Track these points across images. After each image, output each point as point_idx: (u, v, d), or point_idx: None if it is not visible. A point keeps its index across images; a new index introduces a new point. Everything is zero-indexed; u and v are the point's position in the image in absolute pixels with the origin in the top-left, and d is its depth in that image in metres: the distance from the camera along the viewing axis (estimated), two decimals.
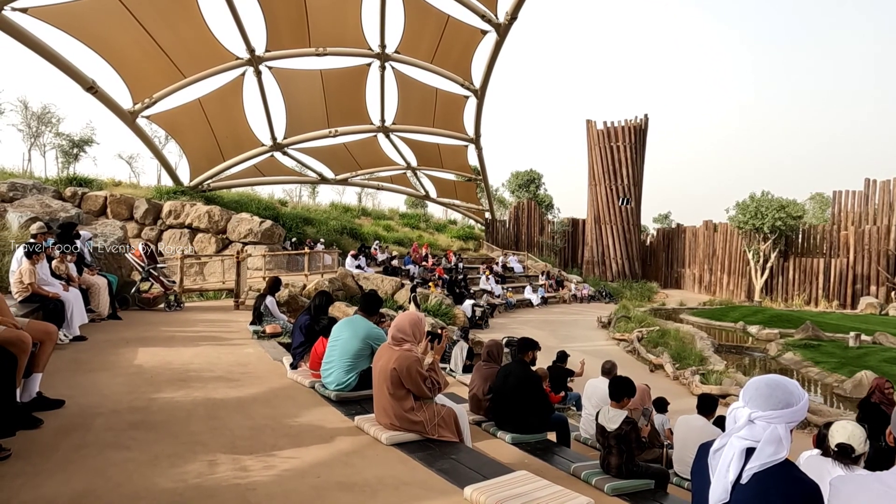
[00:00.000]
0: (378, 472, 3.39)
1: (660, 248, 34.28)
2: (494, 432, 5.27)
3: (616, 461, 4.40)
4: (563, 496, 3.04)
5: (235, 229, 18.93)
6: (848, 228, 26.78)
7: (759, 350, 15.98)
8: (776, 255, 27.21)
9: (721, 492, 2.04)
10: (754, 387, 2.15)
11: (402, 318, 4.05)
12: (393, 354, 3.89)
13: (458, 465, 3.58)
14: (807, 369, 13.15)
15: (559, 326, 18.52)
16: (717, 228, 30.69)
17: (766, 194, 27.44)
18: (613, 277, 30.71)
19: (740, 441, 2.07)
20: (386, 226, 28.55)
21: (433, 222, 33.56)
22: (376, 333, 4.73)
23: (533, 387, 5.31)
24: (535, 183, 38.04)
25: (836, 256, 26.72)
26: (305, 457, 3.54)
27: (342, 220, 25.74)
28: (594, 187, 31.66)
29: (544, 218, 34.67)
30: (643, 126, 31.05)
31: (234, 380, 5.42)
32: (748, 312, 22.01)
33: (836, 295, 26.13)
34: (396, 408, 3.87)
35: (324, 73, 18.01)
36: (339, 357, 4.78)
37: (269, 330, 7.83)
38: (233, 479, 3.14)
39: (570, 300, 25.51)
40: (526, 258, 29.31)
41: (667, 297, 28.29)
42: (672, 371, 12.47)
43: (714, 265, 30.64)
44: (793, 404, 2.07)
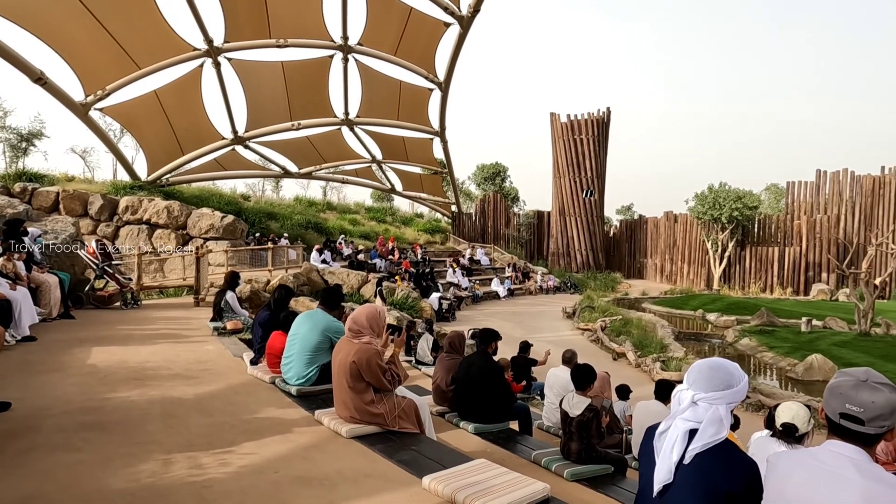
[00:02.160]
0: (338, 465, 3.38)
1: (623, 239, 34.93)
2: (458, 423, 5.32)
3: (576, 447, 4.50)
4: (520, 482, 3.09)
5: (196, 225, 18.51)
6: (801, 218, 27.77)
7: (717, 337, 16.46)
8: (734, 245, 28.03)
9: (665, 472, 2.11)
10: (697, 370, 2.22)
11: (360, 312, 4.03)
12: (352, 348, 3.88)
13: (419, 456, 3.60)
14: (761, 354, 13.60)
15: (525, 318, 18.73)
16: (678, 219, 31.43)
17: (723, 185, 28.21)
18: (578, 268, 31.16)
19: (684, 423, 2.14)
20: (352, 220, 28.33)
21: (400, 216, 33.45)
22: (336, 327, 4.70)
23: (495, 377, 5.37)
24: (500, 176, 38.26)
25: (789, 245, 27.68)
26: (264, 452, 3.51)
27: (307, 215, 25.42)
28: (559, 180, 32.01)
29: (510, 211, 34.93)
30: (605, 119, 31.50)
31: (192, 377, 5.32)
32: (707, 300, 22.66)
33: (790, 282, 27.10)
34: (356, 401, 3.86)
35: (285, 65, 17.72)
36: (299, 351, 4.74)
37: (229, 326, 7.70)
38: (188, 477, 3.09)
39: (537, 291, 25.81)
40: (492, 251, 29.51)
41: (630, 286, 28.87)
42: (634, 359, 12.75)
43: (675, 255, 31.39)
44: (733, 385, 2.15)
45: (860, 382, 1.77)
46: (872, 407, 1.72)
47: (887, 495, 1.64)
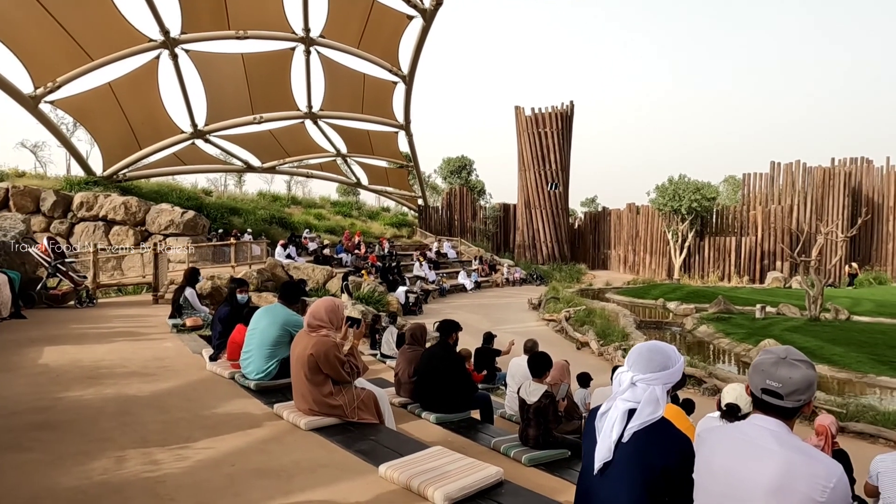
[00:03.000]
0: (295, 456, 3.41)
1: (587, 230, 35.47)
2: (420, 413, 5.38)
3: (534, 433, 4.61)
4: (474, 467, 3.17)
5: (155, 221, 18.07)
6: (756, 208, 28.67)
7: (676, 324, 16.92)
8: (693, 235, 28.77)
9: (605, 451, 2.20)
10: (637, 352, 2.32)
11: (319, 305, 4.04)
12: (310, 340, 3.89)
13: (378, 446, 3.64)
14: (718, 340, 14.05)
15: (492, 310, 18.90)
16: (640, 211, 32.07)
17: (683, 177, 28.88)
18: (544, 260, 31.54)
19: (623, 403, 2.24)
20: (317, 214, 28.04)
21: (366, 210, 33.26)
22: (295, 320, 4.69)
23: (456, 367, 5.45)
24: (466, 169, 38.37)
25: (746, 235, 28.56)
26: (221, 447, 3.51)
27: (271, 210, 25.07)
28: (524, 173, 32.28)
29: (476, 204, 35.08)
30: (569, 112, 31.87)
31: (149, 375, 5.24)
32: (668, 290, 23.25)
33: (746, 270, 27.98)
34: (315, 393, 3.88)
35: (245, 58, 17.38)
36: (258, 346, 4.72)
37: (189, 323, 7.58)
38: (142, 473, 3.07)
39: (503, 284, 26.03)
40: (459, 244, 29.62)
41: (594, 277, 29.38)
42: (597, 348, 13.02)
43: (637, 246, 32.05)
44: (669, 367, 2.26)
45: (780, 360, 1.88)
46: (790, 382, 1.83)
47: (804, 463, 1.75)
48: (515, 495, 3.05)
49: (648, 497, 2.11)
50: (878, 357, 11.37)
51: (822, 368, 10.88)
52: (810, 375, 1.85)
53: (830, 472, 1.71)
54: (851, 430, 7.80)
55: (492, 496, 3.01)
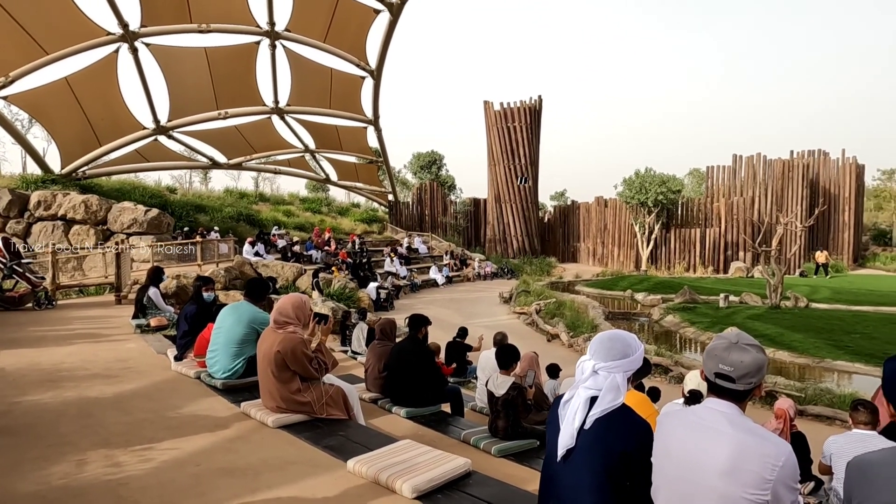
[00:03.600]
0: (263, 454, 3.38)
1: (557, 224, 35.85)
2: (390, 408, 5.39)
3: (503, 424, 4.66)
4: (443, 459, 3.20)
5: (118, 219, 17.60)
6: (719, 200, 29.39)
7: (644, 315, 17.26)
8: (659, 227, 29.34)
9: (568, 438, 2.24)
10: (598, 341, 2.37)
11: (285, 301, 4.01)
12: (276, 337, 3.86)
13: (346, 441, 3.64)
14: (684, 329, 14.38)
15: (464, 304, 18.97)
16: (608, 204, 32.54)
17: (649, 171, 29.39)
18: (515, 254, 31.76)
19: (586, 391, 2.28)
20: (286, 211, 27.71)
21: (336, 206, 33.00)
22: (262, 318, 4.64)
23: (425, 361, 5.47)
24: (436, 164, 38.34)
25: (710, 226, 29.26)
26: (186, 447, 3.45)
27: (238, 207, 24.66)
28: (493, 167, 32.42)
29: (447, 198, 35.11)
30: (537, 107, 32.10)
31: (112, 376, 5.12)
32: (636, 281, 23.69)
33: (710, 261, 28.68)
34: (282, 390, 3.85)
35: (209, 52, 17.01)
36: (224, 344, 4.66)
37: (153, 323, 7.42)
38: (104, 476, 3.01)
39: (474, 278, 26.14)
40: (430, 239, 29.62)
41: (564, 270, 29.73)
42: (567, 339, 13.19)
43: (606, 238, 32.53)
44: (629, 355, 2.31)
45: (731, 344, 1.95)
46: (741, 366, 1.89)
47: (755, 444, 1.82)
48: (483, 485, 3.08)
49: (609, 482, 2.16)
50: (835, 342, 11.79)
51: (782, 354, 11.25)
52: (760, 359, 1.92)
53: (780, 452, 1.79)
54: (809, 413, 8.09)
55: (460, 487, 3.04)
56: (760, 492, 1.77)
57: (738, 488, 1.78)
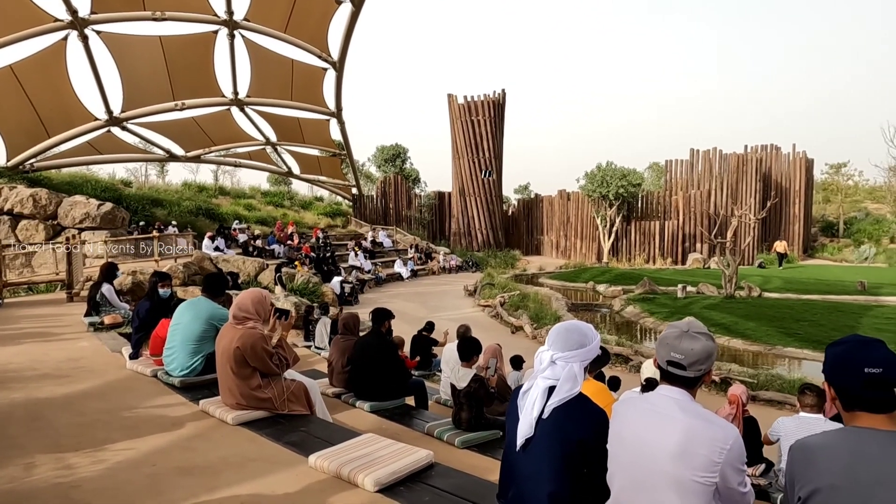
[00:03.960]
0: (223, 452, 3.32)
1: (521, 217, 36.15)
2: (354, 403, 5.36)
3: (466, 416, 4.69)
4: (405, 451, 3.21)
5: (69, 214, 16.96)
6: (678, 193, 30.13)
7: (606, 306, 17.59)
8: (620, 220, 29.91)
9: (527, 427, 2.28)
10: (556, 332, 2.41)
11: (244, 296, 3.94)
12: (236, 333, 3.79)
13: (308, 437, 3.61)
14: (644, 320, 14.72)
15: (429, 297, 18.99)
16: (570, 197, 32.97)
17: (610, 164, 29.90)
18: (479, 247, 31.91)
19: (544, 381, 2.32)
20: (247, 205, 27.17)
21: (298, 199, 32.52)
22: (220, 314, 4.55)
23: (389, 355, 5.46)
24: (401, 157, 38.14)
25: (669, 219, 29.97)
26: (142, 447, 3.37)
27: (197, 201, 24.05)
28: (458, 161, 32.46)
29: (411, 192, 34.99)
30: (501, 100, 32.23)
31: (63, 376, 4.95)
32: (598, 273, 24.12)
33: (669, 253, 29.41)
34: (242, 387, 3.79)
35: (164, 41, 16.49)
36: (182, 341, 4.55)
37: (107, 321, 7.19)
38: (54, 479, 2.91)
39: (439, 271, 26.18)
40: (395, 232, 29.51)
41: (528, 263, 30.03)
42: (531, 331, 13.35)
43: (569, 231, 32.99)
44: (586, 344, 2.36)
45: (683, 333, 2.01)
46: (692, 353, 1.96)
47: (704, 428, 1.89)
48: (445, 476, 3.11)
49: (567, 469, 2.21)
50: (786, 330, 12.27)
51: (736, 342, 11.64)
52: (710, 346, 1.99)
53: (727, 435, 1.86)
54: (761, 399, 8.40)
55: (422, 479, 3.05)
56: (709, 474, 1.83)
57: (689, 471, 1.84)
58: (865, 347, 1.67)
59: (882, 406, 1.63)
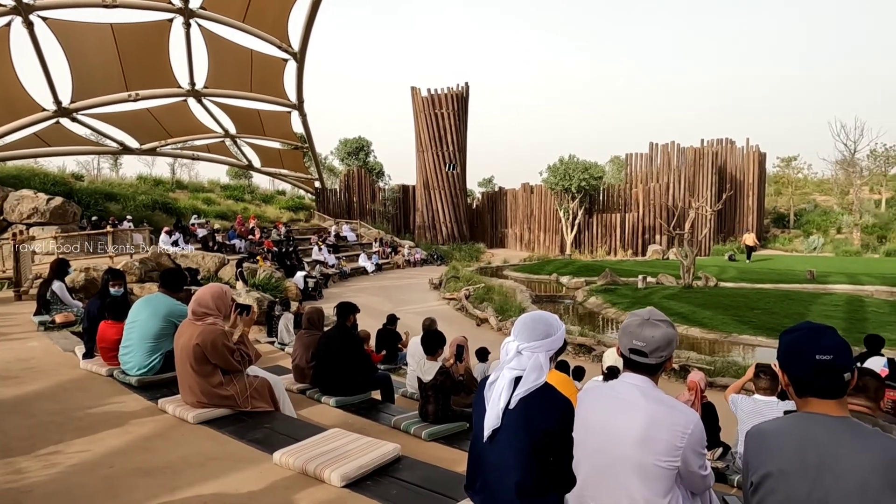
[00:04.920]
0: (183, 451, 3.24)
1: (485, 210, 36.34)
2: (319, 398, 5.30)
3: (433, 408, 4.69)
4: (372, 446, 3.19)
5: (15, 209, 16.23)
6: (638, 186, 30.77)
7: (569, 297, 17.86)
8: (582, 213, 30.37)
9: (494, 418, 2.29)
10: (522, 322, 2.42)
11: (204, 292, 3.84)
12: (195, 330, 3.70)
13: (273, 434, 3.56)
14: (606, 310, 15.01)
15: (394, 291, 18.93)
16: (534, 190, 33.30)
17: (573, 158, 30.28)
18: (444, 241, 31.95)
19: (510, 371, 2.33)
20: (206, 198, 26.50)
21: (259, 193, 31.91)
22: (179, 310, 4.42)
23: (354, 349, 5.41)
24: (364, 150, 37.81)
25: (629, 211, 30.60)
26: (97, 448, 3.26)
27: (153, 195, 23.33)
28: (422, 154, 32.37)
29: (376, 185, 34.76)
30: (465, 94, 32.24)
31: (11, 378, 4.73)
32: (561, 265, 24.47)
33: (630, 244, 30.04)
34: (203, 384, 3.70)
35: (116, 28, 15.84)
36: (139, 339, 4.40)
37: (59, 319, 6.91)
38: (3, 484, 2.79)
39: (404, 265, 26.10)
40: (359, 226, 29.27)
41: (492, 256, 30.23)
42: (496, 323, 13.45)
43: (532, 224, 33.33)
44: (552, 334, 2.38)
45: (644, 321, 2.05)
46: (653, 341, 2.00)
47: (665, 414, 1.93)
48: (413, 469, 3.10)
49: (534, 458, 2.23)
50: (741, 318, 12.69)
51: (694, 331, 11.98)
52: (670, 333, 2.03)
53: (688, 420, 1.91)
54: (718, 385, 8.66)
55: (390, 472, 3.04)
56: (672, 458, 1.88)
57: (651, 456, 1.89)
58: (817, 335, 1.72)
59: (832, 392, 1.69)
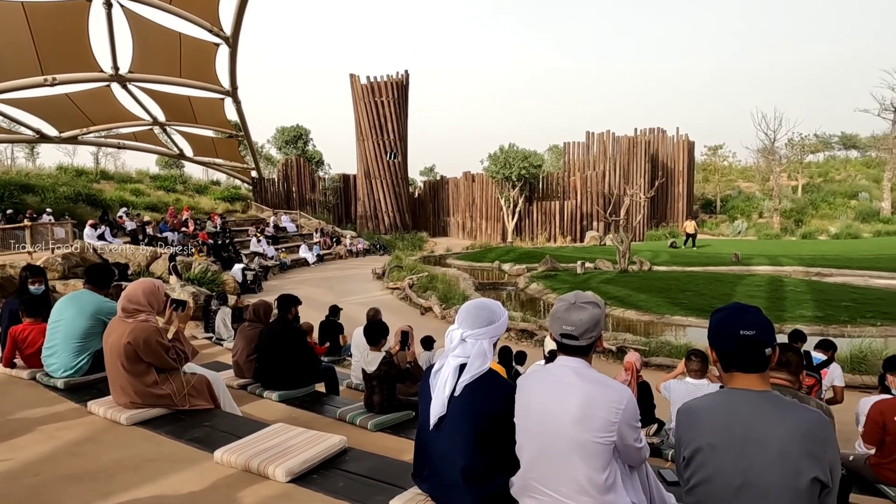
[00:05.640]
0: (116, 455, 3.10)
1: (427, 199, 36.33)
2: (261, 393, 5.19)
3: (378, 399, 4.68)
4: (317, 439, 3.15)
5: None
6: (575, 174, 31.53)
7: (511, 284, 18.17)
8: (523, 201, 30.87)
9: (440, 406, 2.31)
10: (465, 310, 2.45)
11: (135, 287, 3.66)
12: (126, 327, 3.53)
13: (213, 432, 3.45)
14: (547, 296, 15.37)
15: (336, 282, 18.69)
16: (475, 179, 33.53)
17: (513, 146, 30.66)
18: (386, 230, 31.75)
19: (455, 359, 2.36)
20: (134, 189, 25.23)
21: (193, 184, 30.64)
22: (108, 308, 4.20)
23: (297, 342, 5.32)
24: (302, 139, 36.93)
25: (568, 199, 31.34)
26: (21, 456, 3.06)
27: (76, 186, 22.01)
28: (362, 142, 31.94)
29: (315, 175, 34.08)
30: (405, 81, 31.98)
31: None
32: (503, 252, 24.82)
33: (569, 231, 30.82)
34: (136, 384, 3.54)
35: (27, 7, 14.70)
36: (64, 339, 4.16)
37: None
38: None
39: (347, 255, 25.80)
40: (299, 217, 28.65)
41: (435, 244, 30.30)
42: (440, 311, 13.52)
43: (474, 212, 33.60)
44: (495, 321, 2.41)
45: (571, 305, 2.12)
46: (581, 323, 2.07)
47: (600, 392, 2.01)
48: (359, 460, 3.09)
49: (480, 443, 2.27)
50: (673, 300, 13.29)
51: (630, 313, 12.46)
52: (597, 314, 2.11)
53: (621, 396, 1.99)
54: (653, 364, 9.07)
55: (336, 465, 3.02)
56: (608, 434, 1.96)
57: (589, 434, 1.96)
58: (742, 313, 1.84)
59: (754, 366, 1.82)
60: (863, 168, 44.99)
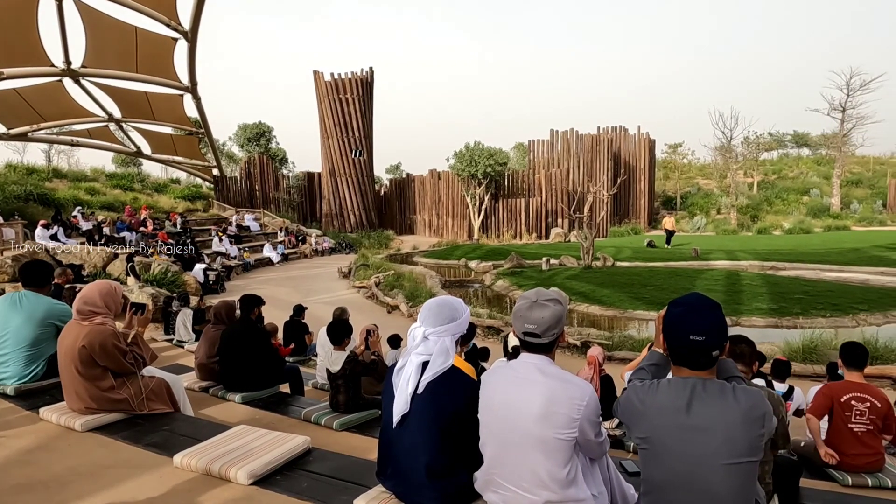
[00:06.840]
0: (70, 462, 3.00)
1: (393, 197, 36.21)
2: (224, 395, 5.10)
3: (343, 398, 4.66)
4: (281, 440, 3.12)
5: None
6: (540, 172, 31.87)
7: (477, 281, 18.27)
8: (489, 198, 31.06)
9: (403, 404, 2.32)
10: (427, 308, 2.46)
11: (91, 289, 3.55)
12: (81, 331, 3.41)
13: (172, 435, 3.38)
14: (513, 292, 15.50)
15: (302, 281, 18.47)
16: (441, 176, 33.58)
17: (478, 144, 30.80)
18: (352, 228, 31.53)
19: (417, 357, 2.37)
20: (89, 188, 24.38)
21: (151, 182, 29.81)
22: (60, 310, 4.05)
23: (260, 343, 5.25)
24: (265, 136, 36.31)
25: (533, 196, 31.65)
26: None
27: (26, 185, 21.12)
28: (327, 140, 31.62)
29: (279, 173, 33.59)
30: (370, 79, 31.78)
31: None
32: (469, 250, 24.93)
33: (534, 228, 31.14)
34: (92, 389, 3.43)
35: None
36: (14, 348, 3.94)
37: None
38: None
39: (312, 254, 25.52)
40: (262, 215, 28.19)
41: (402, 242, 30.22)
42: (407, 310, 13.49)
43: (440, 210, 33.63)
44: (457, 318, 2.43)
45: (532, 303, 2.15)
46: (543, 321, 2.10)
47: (562, 388, 2.05)
48: (323, 460, 3.07)
49: (443, 440, 2.29)
50: (636, 295, 13.57)
51: (594, 308, 12.68)
52: (559, 311, 2.14)
53: (583, 392, 2.03)
54: (616, 358, 9.24)
55: (300, 465, 3.00)
56: (570, 430, 2.00)
57: (551, 430, 1.99)
58: (696, 314, 1.90)
59: (701, 366, 1.91)
60: (814, 165, 46.72)
